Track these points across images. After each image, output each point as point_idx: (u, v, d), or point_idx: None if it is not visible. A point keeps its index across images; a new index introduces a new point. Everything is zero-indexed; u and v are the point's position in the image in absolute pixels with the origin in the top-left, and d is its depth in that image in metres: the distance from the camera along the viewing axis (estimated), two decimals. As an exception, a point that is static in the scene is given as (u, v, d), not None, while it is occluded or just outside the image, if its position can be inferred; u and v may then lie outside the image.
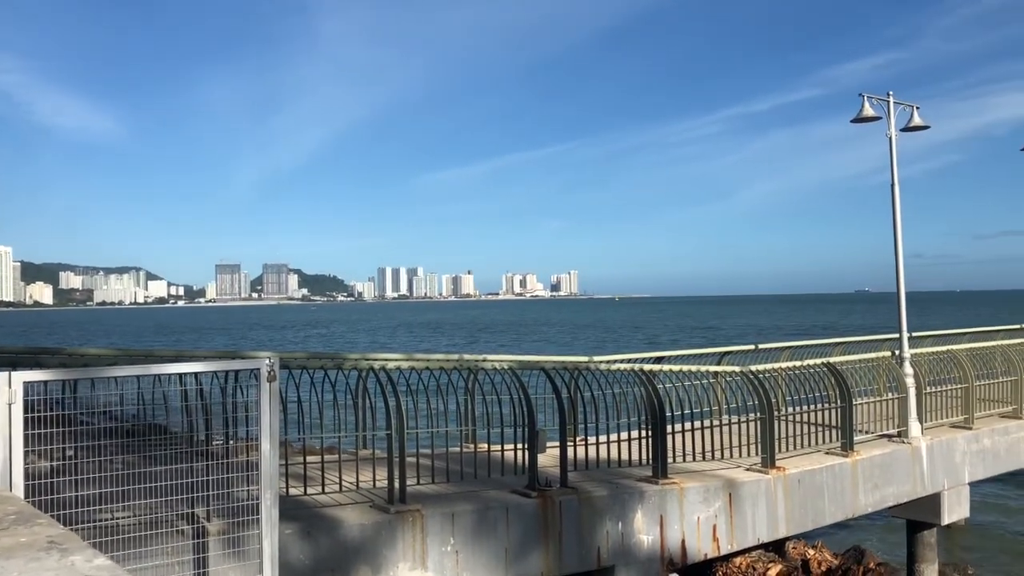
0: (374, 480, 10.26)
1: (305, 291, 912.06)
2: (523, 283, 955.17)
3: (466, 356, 12.62)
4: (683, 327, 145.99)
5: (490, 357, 12.77)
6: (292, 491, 9.90)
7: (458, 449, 12.15)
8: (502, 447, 11.71)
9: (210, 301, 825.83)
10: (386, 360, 10.99)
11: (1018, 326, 27.20)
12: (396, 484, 9.70)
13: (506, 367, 11.66)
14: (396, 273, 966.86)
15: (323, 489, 10.06)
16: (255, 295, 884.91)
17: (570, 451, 11.44)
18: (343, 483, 10.32)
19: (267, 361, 7.06)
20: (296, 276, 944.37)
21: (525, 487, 10.79)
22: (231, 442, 8.55)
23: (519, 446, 11.27)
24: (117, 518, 7.26)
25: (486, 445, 12.82)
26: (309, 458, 10.36)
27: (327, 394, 10.51)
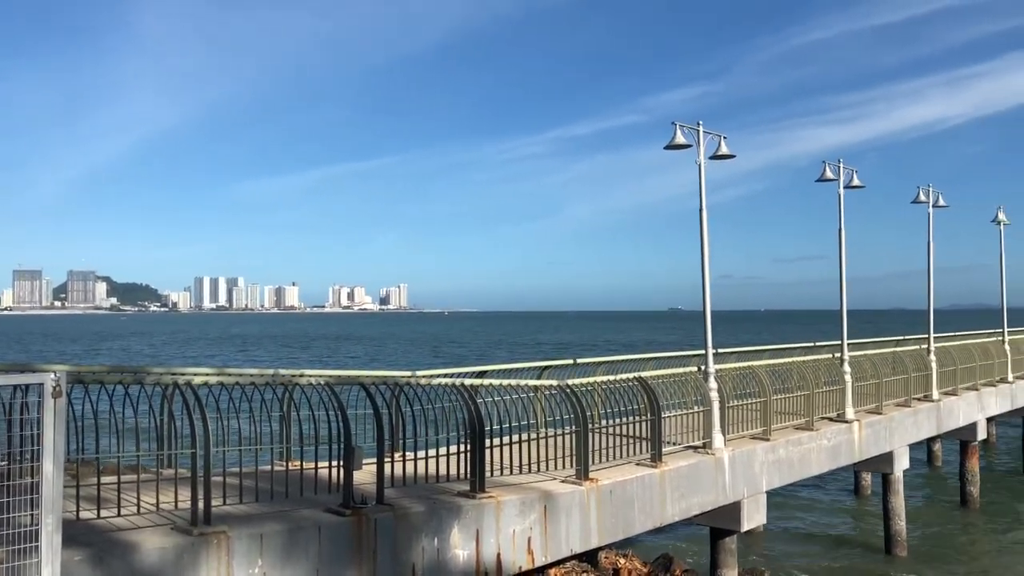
0: (176, 501, 9.70)
1: (115, 300, 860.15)
2: (351, 296, 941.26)
3: (282, 371, 12.18)
4: (508, 341, 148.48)
5: (307, 372, 12.39)
6: (84, 514, 9.18)
7: (270, 467, 11.70)
8: (316, 464, 11.38)
9: (6, 310, 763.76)
10: (194, 375, 10.44)
11: (811, 344, 29.38)
12: (200, 504, 9.20)
13: (323, 382, 11.36)
14: (215, 283, 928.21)
15: (119, 511, 9.40)
16: (58, 304, 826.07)
17: (389, 467, 11.27)
18: (142, 504, 9.71)
19: (52, 375, 6.52)
20: (105, 284, 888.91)
21: (339, 505, 10.52)
22: (13, 464, 7.84)
23: (335, 463, 10.98)
24: None
25: (300, 462, 12.46)
26: (106, 478, 9.67)
27: (128, 410, 9.86)
